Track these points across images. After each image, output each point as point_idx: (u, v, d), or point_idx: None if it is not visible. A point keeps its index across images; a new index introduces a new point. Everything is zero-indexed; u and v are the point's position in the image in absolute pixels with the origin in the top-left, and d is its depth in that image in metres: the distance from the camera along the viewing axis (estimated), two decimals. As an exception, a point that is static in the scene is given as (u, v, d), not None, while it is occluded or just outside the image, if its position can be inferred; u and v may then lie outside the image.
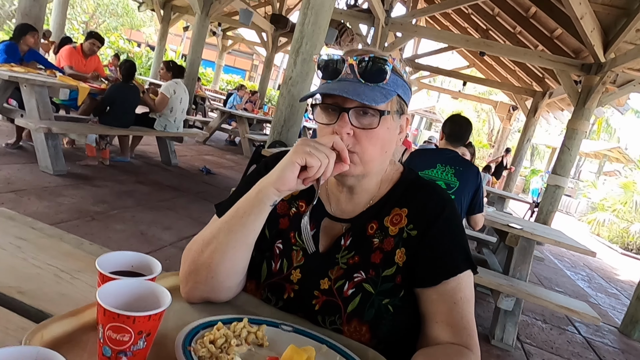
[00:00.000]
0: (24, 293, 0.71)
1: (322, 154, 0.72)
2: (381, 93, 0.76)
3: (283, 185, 0.74)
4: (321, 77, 0.81)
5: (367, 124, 0.77)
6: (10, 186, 3.36)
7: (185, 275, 0.80)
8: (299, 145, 0.74)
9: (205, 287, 0.79)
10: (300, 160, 0.72)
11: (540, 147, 23.05)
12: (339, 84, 0.77)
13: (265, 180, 0.77)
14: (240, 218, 0.77)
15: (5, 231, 0.91)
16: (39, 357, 0.44)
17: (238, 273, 0.82)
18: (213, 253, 0.78)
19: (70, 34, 12.35)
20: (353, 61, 0.77)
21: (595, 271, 7.00)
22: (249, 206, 0.78)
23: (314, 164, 0.72)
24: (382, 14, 7.02)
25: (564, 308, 2.70)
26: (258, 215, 0.77)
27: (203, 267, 0.78)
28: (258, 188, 0.78)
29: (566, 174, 6.32)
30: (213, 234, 0.79)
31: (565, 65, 6.40)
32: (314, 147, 0.73)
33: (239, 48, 21.48)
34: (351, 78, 0.78)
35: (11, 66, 4.13)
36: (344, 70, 0.78)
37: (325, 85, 0.79)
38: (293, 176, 0.73)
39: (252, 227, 0.78)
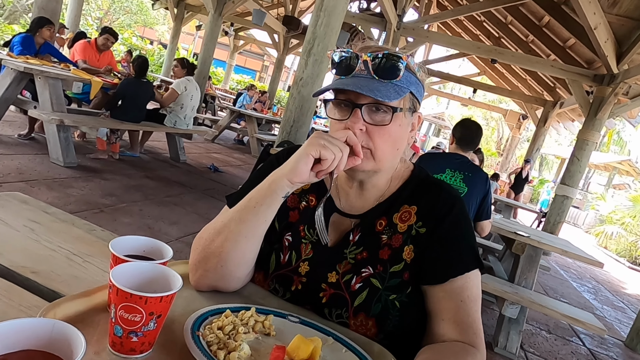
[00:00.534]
0: (38, 273, 0.73)
1: (336, 147, 0.73)
2: (394, 90, 0.76)
3: (296, 177, 0.75)
4: (334, 73, 0.81)
5: (379, 121, 0.78)
6: (22, 176, 3.40)
7: (195, 263, 0.81)
8: (313, 138, 0.75)
9: (215, 276, 0.79)
10: (315, 153, 0.73)
11: (549, 157, 22.89)
12: (352, 80, 0.77)
13: (279, 171, 0.77)
14: (252, 208, 0.78)
15: (19, 214, 0.92)
16: (55, 329, 0.45)
17: (247, 263, 0.82)
18: (224, 242, 0.78)
19: (85, 30, 12.50)
20: (367, 57, 0.77)
21: (601, 283, 6.92)
22: (261, 196, 0.78)
23: (327, 157, 0.72)
24: (395, 18, 7.03)
25: (569, 318, 2.68)
26: (270, 205, 0.78)
27: (213, 255, 0.79)
28: (271, 179, 0.78)
29: (575, 185, 6.27)
30: (224, 223, 0.80)
31: (578, 75, 6.36)
32: (328, 141, 0.73)
33: (250, 48, 21.60)
34: (365, 74, 0.78)
35: (27, 58, 4.19)
36: (357, 67, 0.78)
37: (339, 80, 0.79)
38: (307, 168, 0.74)
39: (264, 217, 0.78)
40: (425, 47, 12.66)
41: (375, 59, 0.77)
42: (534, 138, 10.50)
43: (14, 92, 4.21)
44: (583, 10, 4.62)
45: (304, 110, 4.29)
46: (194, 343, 0.61)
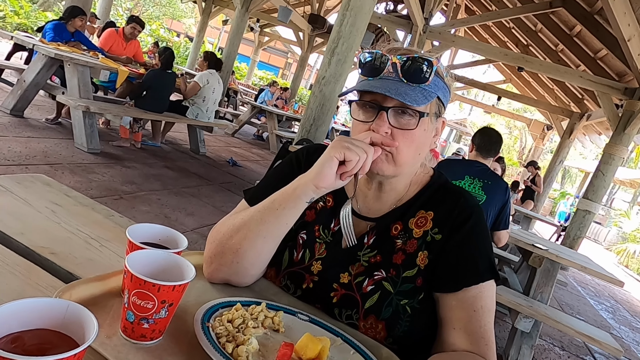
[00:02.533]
0: (56, 254, 0.74)
1: (360, 149, 0.72)
2: (422, 94, 0.75)
3: (322, 182, 0.74)
4: (361, 73, 0.80)
5: (405, 124, 0.76)
6: (47, 159, 3.49)
7: (210, 256, 0.81)
8: (336, 141, 0.74)
9: (229, 271, 0.80)
10: (339, 155, 0.72)
11: (572, 170, 22.34)
12: (380, 82, 0.76)
13: (304, 177, 0.77)
14: (274, 210, 0.78)
15: (41, 196, 0.94)
16: (69, 310, 0.45)
17: (263, 262, 0.83)
18: (242, 240, 0.79)
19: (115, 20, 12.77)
20: (397, 60, 0.76)
21: (620, 303, 6.72)
22: (285, 200, 0.78)
23: (352, 158, 0.71)
24: (421, 21, 6.96)
25: (584, 335, 2.61)
26: (293, 210, 0.78)
27: (230, 251, 0.79)
28: (296, 184, 0.78)
29: (598, 200, 6.10)
30: (244, 221, 0.80)
31: (607, 87, 6.18)
32: (351, 143, 0.72)
33: (275, 45, 21.73)
34: (393, 77, 0.76)
35: (58, 45, 4.30)
36: (386, 69, 0.76)
37: (366, 82, 0.78)
38: (332, 172, 0.73)
39: (285, 220, 0.78)
40: (450, 51, 12.49)
41: (406, 62, 0.75)
42: (558, 149, 10.25)
43: (44, 77, 4.33)
44: (617, 21, 4.48)
45: (324, 109, 4.29)
46: (204, 334, 0.62)
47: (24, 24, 11.89)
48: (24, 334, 0.43)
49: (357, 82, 0.81)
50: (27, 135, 3.92)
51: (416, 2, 6.38)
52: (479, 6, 9.94)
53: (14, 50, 6.00)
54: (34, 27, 10.87)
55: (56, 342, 0.44)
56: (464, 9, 10.89)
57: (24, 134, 3.93)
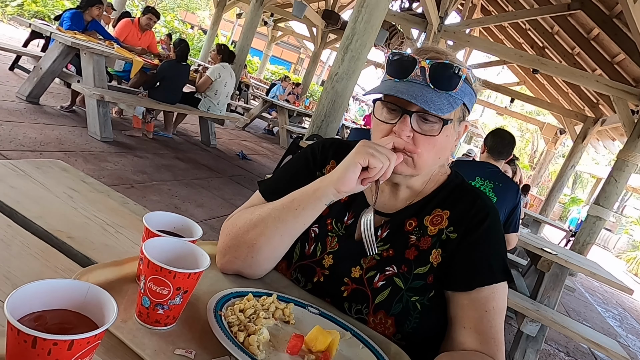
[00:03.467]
0: (73, 239, 0.76)
1: (384, 156, 0.72)
2: (448, 101, 0.75)
3: (344, 186, 0.74)
4: (387, 73, 0.79)
5: (428, 130, 0.76)
6: (61, 146, 3.54)
7: (224, 247, 0.82)
8: (360, 146, 0.74)
9: (243, 264, 0.81)
10: (363, 161, 0.72)
11: (584, 175, 22.07)
12: (407, 86, 0.75)
13: (327, 179, 0.77)
14: (294, 210, 0.78)
15: (59, 181, 0.96)
16: (89, 292, 0.46)
17: (276, 258, 0.84)
18: (259, 236, 0.79)
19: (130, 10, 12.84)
20: (426, 64, 0.74)
21: (628, 311, 6.65)
22: (304, 201, 0.78)
23: (376, 165, 0.72)
24: (436, 20, 6.90)
25: (591, 342, 2.59)
26: (312, 211, 0.78)
27: (245, 245, 0.80)
28: (317, 185, 0.78)
29: (609, 207, 6.02)
30: (262, 218, 0.80)
31: (624, 92, 6.08)
32: (376, 150, 0.72)
33: (288, 40, 21.70)
34: (420, 80, 0.75)
35: (74, 33, 4.34)
36: (414, 72, 0.75)
37: (392, 84, 0.76)
38: (354, 177, 0.73)
39: (303, 220, 0.79)
40: (465, 51, 12.38)
41: (435, 68, 0.74)
42: (570, 154, 10.13)
43: (60, 65, 4.38)
44: (637, 25, 4.41)
45: (336, 106, 4.28)
46: (216, 322, 0.63)
47: (42, 11, 12.01)
48: (46, 314, 0.44)
49: (382, 81, 0.80)
50: (42, 122, 3.98)
51: (432, 1, 6.33)
52: (495, 6, 9.83)
53: (31, 38, 6.07)
54: (51, 15, 10.98)
55: (76, 322, 0.45)
56: (479, 9, 10.78)
57: (39, 120, 3.99)
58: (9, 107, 4.01)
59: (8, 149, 3.11)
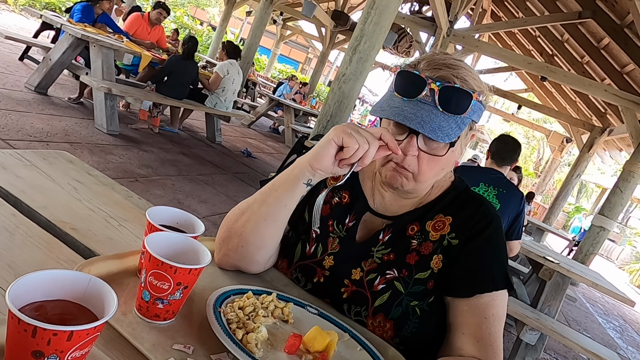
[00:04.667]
0: (76, 230, 0.76)
1: (363, 138, 0.69)
2: (456, 124, 0.73)
3: (317, 163, 0.73)
4: (395, 90, 0.76)
5: (434, 150, 0.76)
6: (67, 137, 3.56)
7: (219, 241, 0.82)
8: (340, 125, 0.72)
9: (236, 256, 0.80)
10: (337, 140, 0.70)
11: (589, 184, 21.95)
12: (415, 108, 0.73)
13: (302, 158, 0.77)
14: (274, 191, 0.79)
15: (65, 172, 0.97)
16: (90, 284, 0.46)
17: (267, 248, 0.82)
18: (246, 222, 0.79)
19: (140, 4, 12.88)
20: (436, 87, 0.72)
21: (629, 323, 6.60)
22: (283, 181, 0.78)
23: (350, 145, 0.69)
24: (446, 24, 6.88)
25: (590, 353, 2.57)
26: (291, 191, 0.77)
27: (235, 235, 0.80)
28: (295, 165, 0.78)
29: (614, 217, 5.98)
30: (248, 204, 0.81)
31: (632, 103, 6.04)
32: (355, 130, 0.70)
33: (296, 39, 21.71)
34: (429, 101, 0.73)
35: (84, 26, 4.37)
36: (423, 93, 0.73)
37: (400, 104, 0.74)
38: (328, 155, 0.71)
39: (284, 202, 0.78)
40: (473, 56, 12.33)
41: (444, 92, 0.72)
42: (576, 163, 10.07)
43: (69, 57, 4.41)
44: (648, 35, 4.38)
45: (342, 107, 4.28)
46: (215, 319, 0.63)
47: (53, 3, 12.09)
48: (47, 304, 0.44)
49: (388, 96, 0.78)
50: (49, 112, 4.00)
51: (442, 5, 6.31)
52: (505, 12, 9.79)
53: (41, 29, 6.11)
54: (62, 7, 11.05)
55: (77, 313, 0.45)
56: (489, 14, 10.74)
57: (47, 111, 4.01)
58: (18, 97, 4.03)
59: (15, 139, 3.13)
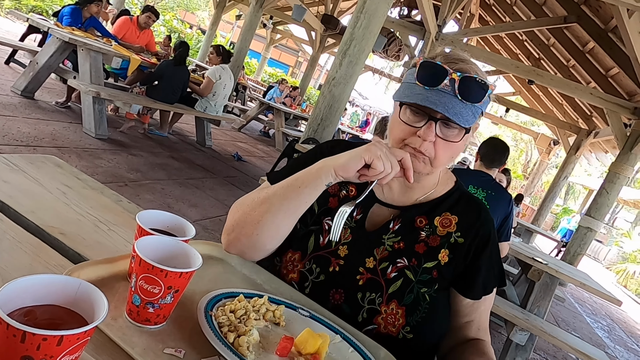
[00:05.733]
0: (65, 235, 0.75)
1: (389, 164, 0.76)
2: (472, 112, 0.79)
3: (343, 172, 0.78)
4: (417, 79, 0.80)
5: (450, 136, 0.81)
6: (55, 142, 3.51)
7: (232, 224, 0.86)
8: (373, 145, 0.77)
9: (247, 242, 0.85)
10: (368, 159, 0.76)
11: (576, 186, 22.26)
12: (437, 95, 0.78)
13: (330, 161, 0.81)
14: (297, 187, 0.82)
15: (53, 177, 0.96)
16: (80, 288, 0.46)
17: (278, 238, 0.87)
18: (265, 213, 0.83)
19: (129, 8, 12.79)
20: (456, 76, 0.78)
21: (617, 322, 6.70)
22: (307, 179, 0.82)
23: (377, 168, 0.75)
24: (434, 28, 6.95)
25: (579, 352, 2.60)
26: (313, 189, 0.82)
27: (252, 223, 0.84)
28: (320, 165, 0.82)
29: (600, 218, 6.08)
30: (268, 196, 0.85)
31: (617, 106, 6.16)
32: (385, 154, 0.76)
33: (286, 43, 21.73)
34: (448, 90, 0.78)
35: (72, 29, 4.33)
36: (443, 82, 0.78)
37: (423, 92, 0.79)
38: (354, 168, 0.77)
39: (306, 199, 0.82)
40: (462, 60, 12.44)
41: (465, 82, 0.78)
42: (563, 165, 10.22)
43: (57, 61, 4.36)
44: (631, 40, 4.48)
45: (332, 110, 4.30)
46: (206, 322, 0.63)
47: (39, 6, 11.95)
48: (37, 309, 0.44)
49: (407, 83, 0.82)
50: (36, 117, 3.95)
51: (430, 9, 6.37)
52: (492, 17, 9.93)
53: (28, 32, 6.03)
54: (49, 10, 10.93)
55: (67, 318, 0.45)
56: (477, 19, 10.87)
57: (34, 115, 3.96)
58: (4, 101, 3.98)
59: (1, 143, 3.09)
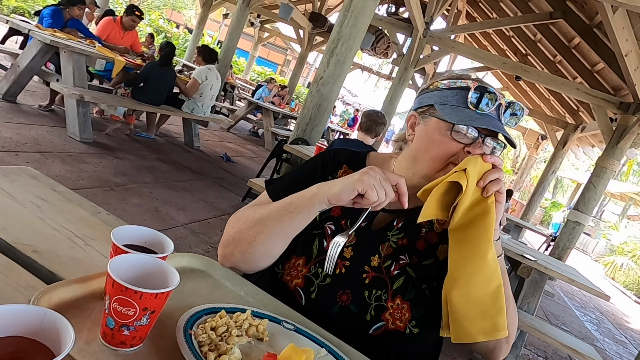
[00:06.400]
0: (38, 252, 0.72)
1: (383, 192, 0.77)
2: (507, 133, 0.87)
3: (336, 201, 0.80)
4: (471, 102, 0.85)
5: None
6: (37, 147, 3.44)
7: (228, 239, 0.90)
8: (366, 174, 0.77)
9: (241, 258, 0.88)
10: (361, 190, 0.76)
11: (564, 180, 22.54)
12: (489, 119, 0.84)
13: (324, 188, 0.82)
14: (290, 213, 0.84)
15: (27, 189, 0.92)
16: (45, 318, 0.44)
17: (271, 257, 0.89)
18: (258, 234, 0.86)
19: (114, 8, 12.61)
20: (504, 102, 0.86)
21: (605, 315, 6.79)
22: (300, 205, 0.83)
23: (371, 198, 0.76)
24: (422, 25, 6.96)
25: (569, 348, 2.63)
26: (306, 215, 0.84)
27: (245, 241, 0.87)
28: (314, 192, 0.83)
29: (589, 212, 6.15)
30: (263, 217, 0.87)
31: (603, 100, 6.23)
32: (379, 183, 0.76)
33: (274, 42, 21.62)
34: (493, 114, 0.85)
35: (54, 31, 4.24)
36: (492, 107, 0.85)
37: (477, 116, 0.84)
38: (348, 198, 0.78)
39: (299, 224, 0.85)
40: (450, 57, 12.52)
41: (510, 108, 0.86)
42: (551, 160, 10.33)
43: (39, 63, 4.28)
44: (616, 35, 4.52)
45: (321, 110, 4.28)
46: (185, 342, 0.61)
47: (21, 7, 11.73)
48: (-2, 342, 0.41)
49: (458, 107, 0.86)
50: (18, 121, 3.87)
51: (418, 6, 6.38)
52: (480, 13, 9.98)
53: (9, 34, 5.90)
54: (30, 10, 10.73)
55: (31, 351, 0.42)
56: (464, 15, 10.92)
57: (16, 119, 3.88)
58: (-15, 106, 3.89)
59: (-18, 149, 3.02)
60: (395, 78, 7.87)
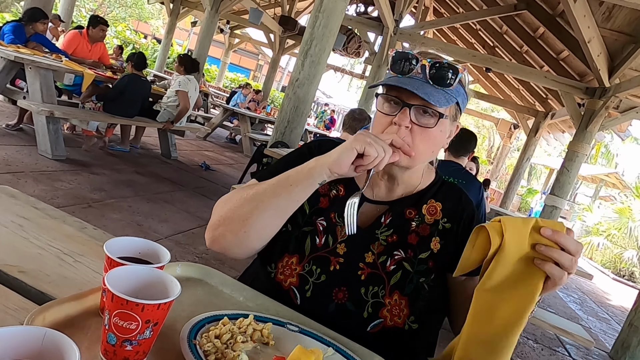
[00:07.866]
0: (25, 273, 0.69)
1: (380, 148, 0.76)
2: (444, 97, 0.81)
3: (338, 168, 0.78)
4: (391, 69, 0.85)
5: (425, 123, 0.82)
6: (8, 167, 3.32)
7: (217, 221, 0.85)
8: (360, 135, 0.78)
9: (233, 239, 0.84)
10: (360, 148, 0.76)
11: (538, 167, 23.16)
12: (409, 80, 0.81)
13: (322, 159, 0.80)
14: (288, 186, 0.82)
15: (7, 209, 0.88)
16: (46, 338, 0.41)
17: (265, 237, 0.86)
18: (254, 209, 0.82)
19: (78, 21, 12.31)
20: (426, 62, 0.82)
21: (587, 294, 7.00)
22: (299, 178, 0.81)
23: (371, 154, 0.75)
24: (392, 23, 7.04)
25: (558, 329, 2.69)
26: (305, 188, 0.81)
27: (239, 219, 0.82)
28: (313, 164, 0.81)
29: (564, 196, 6.33)
30: (257, 192, 0.84)
31: (570, 87, 6.43)
32: (374, 140, 0.77)
33: (245, 47, 21.49)
34: (420, 77, 0.82)
35: (17, 47, 4.10)
36: (415, 69, 0.82)
37: (396, 78, 0.83)
38: (348, 161, 0.77)
39: (296, 197, 0.82)
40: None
41: (434, 65, 0.81)
42: (525, 148, 10.60)
43: (3, 81, 4.13)
44: (578, 23, 4.67)
45: (298, 112, 4.27)
46: (191, 352, 0.59)
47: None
48: (-4, 367, 0.39)
49: (386, 77, 0.86)
50: (-15, 142, 3.72)
51: (386, 4, 6.45)
52: (446, 9, 10.16)
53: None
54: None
55: (32, 374, 0.40)
56: (432, 11, 11.11)
57: (-17, 141, 3.73)
58: (-52, 128, 3.72)
59: (-52, 174, 2.88)
60: (368, 77, 7.94)
